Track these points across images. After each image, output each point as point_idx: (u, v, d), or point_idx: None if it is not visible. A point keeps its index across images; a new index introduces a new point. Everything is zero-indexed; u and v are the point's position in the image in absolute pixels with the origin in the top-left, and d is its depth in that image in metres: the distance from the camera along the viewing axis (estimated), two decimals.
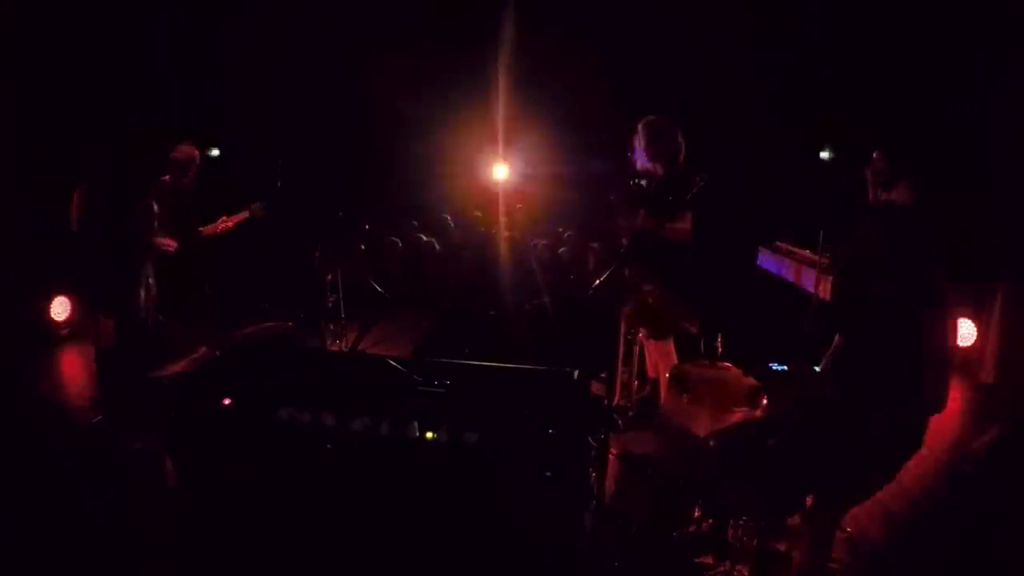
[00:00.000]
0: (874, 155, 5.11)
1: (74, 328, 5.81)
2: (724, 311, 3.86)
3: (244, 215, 4.95)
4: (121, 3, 6.49)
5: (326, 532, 2.23)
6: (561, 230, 8.03)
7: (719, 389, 3.30)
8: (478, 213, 8.21)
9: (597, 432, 2.80)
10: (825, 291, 4.65)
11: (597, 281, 3.16)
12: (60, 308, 5.77)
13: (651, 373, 4.14)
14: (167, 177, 4.72)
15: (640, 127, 3.92)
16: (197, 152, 4.78)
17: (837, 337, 2.76)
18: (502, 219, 6.35)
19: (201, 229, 4.85)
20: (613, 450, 2.70)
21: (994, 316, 5.07)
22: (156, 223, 4.54)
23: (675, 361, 4.00)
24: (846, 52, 6.50)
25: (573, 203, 8.08)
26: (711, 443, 2.79)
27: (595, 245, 7.32)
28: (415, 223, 8.44)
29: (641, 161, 3.90)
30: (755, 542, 2.59)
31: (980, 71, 5.03)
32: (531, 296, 5.81)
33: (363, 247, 7.41)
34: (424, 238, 7.98)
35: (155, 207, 4.56)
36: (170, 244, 4.65)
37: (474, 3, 7.61)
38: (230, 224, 4.93)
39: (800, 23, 6.67)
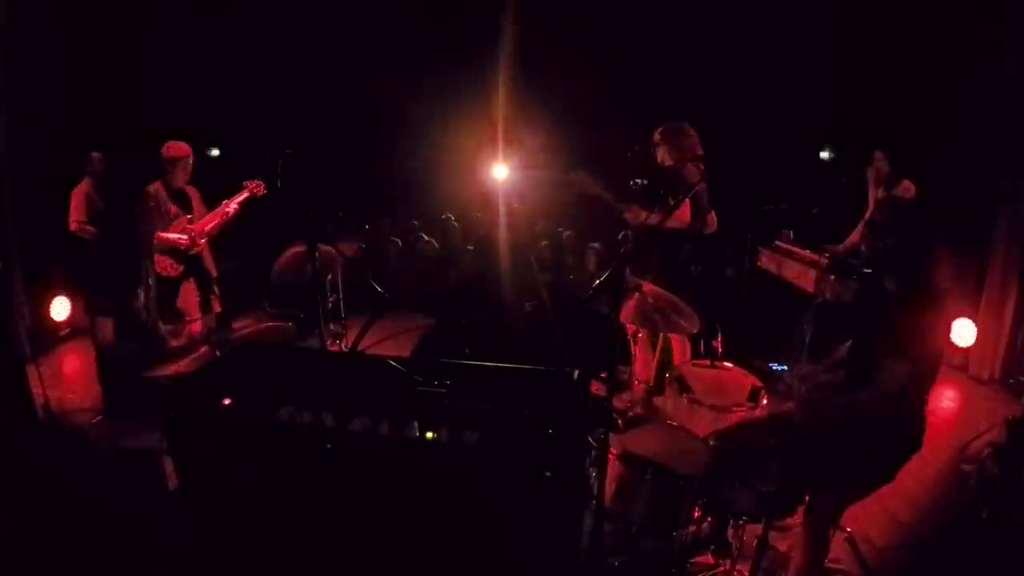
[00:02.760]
0: (875, 155, 5.12)
1: (74, 328, 5.81)
2: (724, 311, 3.87)
3: (244, 195, 4.87)
4: (121, 3, 6.49)
5: (326, 532, 2.23)
6: (561, 230, 8.03)
7: (719, 389, 3.30)
8: (478, 213, 8.21)
9: (597, 432, 2.80)
10: (825, 291, 4.68)
11: (597, 281, 3.15)
12: (60, 308, 5.77)
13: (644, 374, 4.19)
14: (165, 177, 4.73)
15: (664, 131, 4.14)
16: (188, 149, 4.75)
17: (848, 337, 2.76)
18: (502, 219, 6.34)
19: (202, 221, 4.84)
20: (613, 450, 2.70)
21: (995, 315, 5.06)
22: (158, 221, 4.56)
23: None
24: (846, 52, 6.50)
25: (573, 203, 8.07)
26: (711, 443, 2.79)
27: (595, 245, 7.32)
28: (415, 223, 8.43)
29: (669, 160, 4.08)
30: (755, 542, 2.59)
31: (980, 70, 5.03)
32: (531, 296, 5.81)
33: (363, 247, 7.41)
34: (424, 238, 7.98)
35: (153, 207, 4.58)
36: (183, 240, 4.68)
37: (474, 2, 7.60)
38: (233, 207, 4.84)
39: (800, 22, 6.67)
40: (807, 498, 2.59)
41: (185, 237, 4.69)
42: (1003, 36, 4.75)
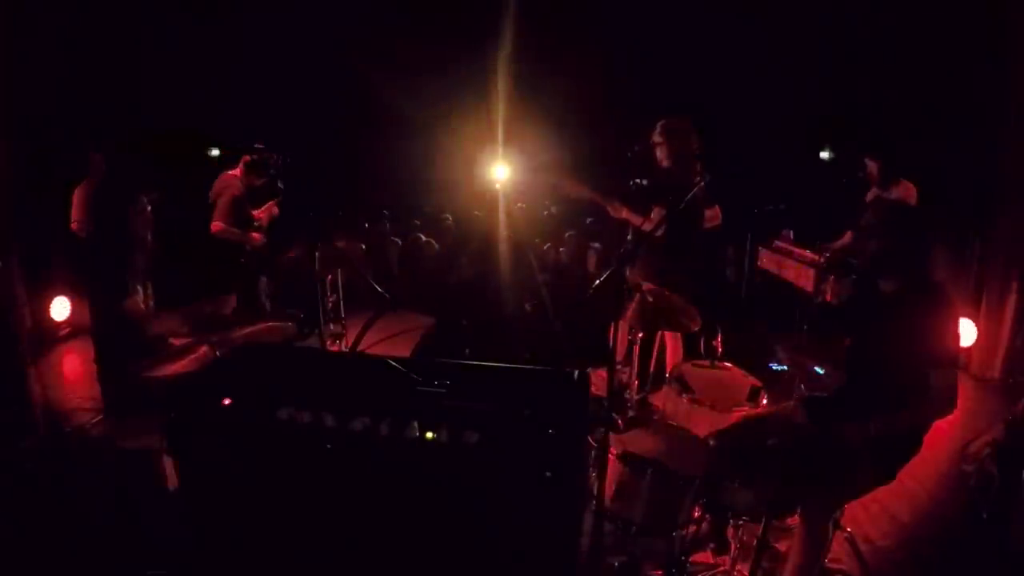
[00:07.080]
0: (864, 161, 5.14)
1: (74, 328, 5.81)
2: (724, 311, 3.87)
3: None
4: (122, 2, 6.49)
5: (326, 532, 2.23)
6: (561, 229, 8.03)
7: (719, 389, 3.30)
8: (478, 213, 8.21)
9: (597, 432, 2.80)
10: (826, 291, 4.68)
11: (597, 281, 3.15)
12: (60, 308, 5.77)
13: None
14: (236, 171, 4.77)
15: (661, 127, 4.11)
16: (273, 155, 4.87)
17: (845, 337, 2.76)
18: (502, 219, 6.35)
19: (257, 218, 4.97)
20: (613, 450, 2.70)
21: (995, 315, 5.06)
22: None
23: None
24: (846, 52, 6.50)
25: (574, 203, 8.06)
26: (711, 443, 2.79)
27: (596, 245, 7.32)
28: (415, 223, 8.44)
29: (664, 160, 4.06)
30: (755, 542, 2.59)
31: (980, 70, 5.03)
32: (531, 296, 5.81)
33: (363, 247, 7.41)
34: (424, 238, 7.98)
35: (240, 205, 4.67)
36: (257, 237, 4.78)
37: (474, 2, 7.61)
38: (276, 210, 5.10)
39: (801, 22, 6.68)
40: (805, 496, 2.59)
41: (259, 237, 4.88)
42: (1003, 34, 4.75)
